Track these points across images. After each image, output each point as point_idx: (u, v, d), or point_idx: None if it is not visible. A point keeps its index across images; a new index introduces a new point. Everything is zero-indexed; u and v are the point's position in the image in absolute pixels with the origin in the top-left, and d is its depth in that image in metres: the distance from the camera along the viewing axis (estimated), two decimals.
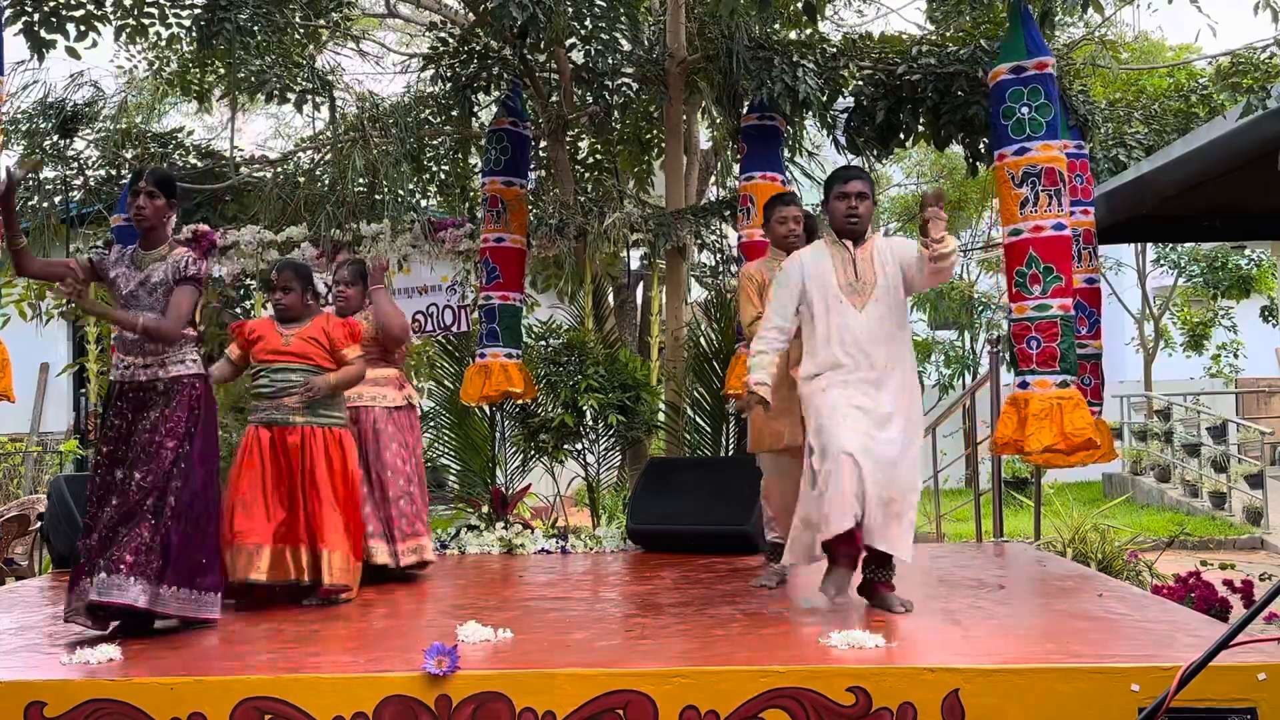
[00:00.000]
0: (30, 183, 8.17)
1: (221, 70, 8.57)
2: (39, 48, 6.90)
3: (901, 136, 7.44)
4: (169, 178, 4.49)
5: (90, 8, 7.08)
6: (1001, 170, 5.78)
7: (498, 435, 8.16)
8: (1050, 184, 5.60)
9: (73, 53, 7.15)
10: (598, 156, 9.64)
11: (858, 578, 4.32)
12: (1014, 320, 5.79)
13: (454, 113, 8.33)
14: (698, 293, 9.40)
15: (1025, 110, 5.66)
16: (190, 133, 9.13)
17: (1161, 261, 17.66)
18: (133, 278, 4.30)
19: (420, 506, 5.57)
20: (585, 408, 7.11)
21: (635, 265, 10.52)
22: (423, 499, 5.62)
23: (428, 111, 8.42)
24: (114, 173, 8.43)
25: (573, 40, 7.57)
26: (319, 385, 4.82)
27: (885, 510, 4.11)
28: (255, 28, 6.83)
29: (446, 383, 8.57)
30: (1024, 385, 5.64)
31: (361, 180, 7.87)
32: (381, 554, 5.33)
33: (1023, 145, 5.68)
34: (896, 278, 4.30)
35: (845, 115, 7.48)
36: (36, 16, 6.82)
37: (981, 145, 7.29)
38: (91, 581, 4.00)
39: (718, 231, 8.30)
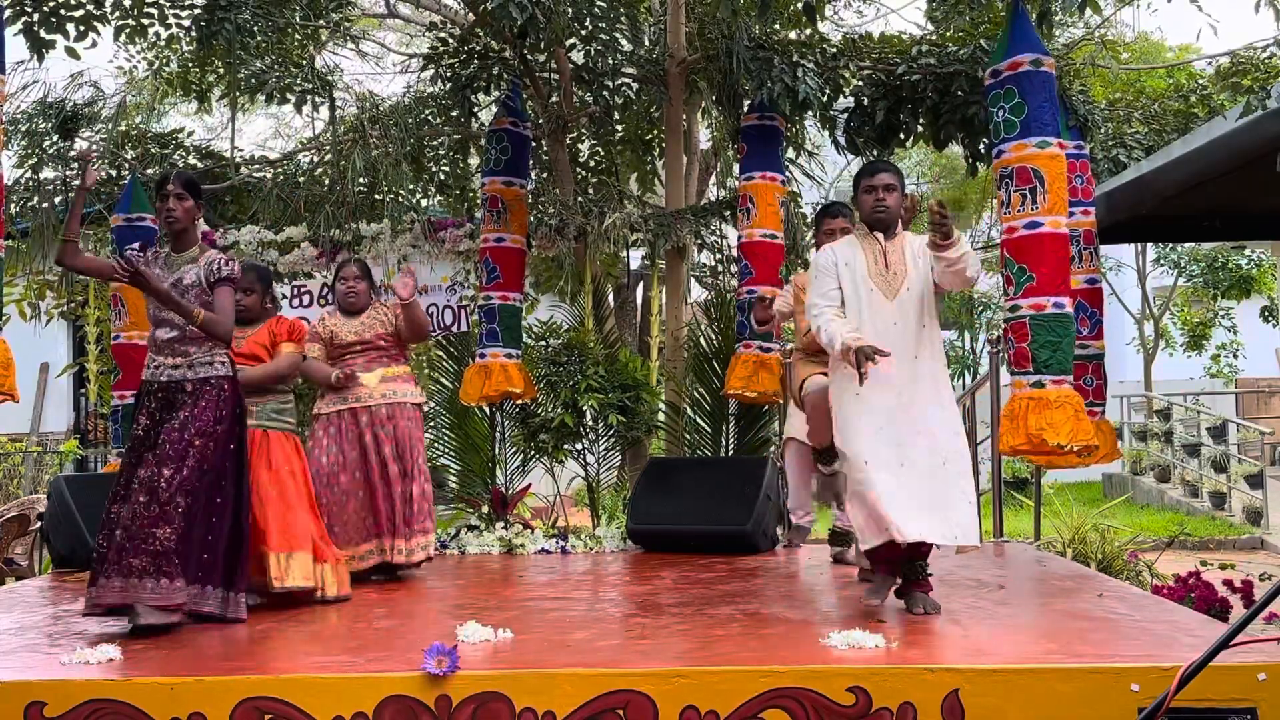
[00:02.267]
0: (30, 183, 8.18)
1: (221, 70, 8.57)
2: (39, 48, 6.90)
3: (901, 136, 7.44)
4: (195, 180, 4.53)
5: (90, 8, 7.08)
6: (993, 175, 5.83)
7: (498, 435, 8.16)
8: (1023, 183, 5.60)
9: (72, 53, 7.16)
10: (598, 157, 9.64)
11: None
12: (1003, 321, 5.84)
13: (454, 113, 8.33)
14: (698, 293, 9.40)
15: (1001, 113, 5.70)
16: (190, 133, 9.13)
17: (1161, 261, 17.66)
18: (165, 279, 4.32)
19: (432, 503, 5.64)
20: (585, 408, 7.11)
21: (635, 265, 10.52)
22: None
23: (428, 111, 8.42)
24: (114, 173, 8.43)
25: (573, 40, 7.57)
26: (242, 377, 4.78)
27: (931, 511, 4.10)
28: (255, 28, 6.83)
29: (446, 383, 8.57)
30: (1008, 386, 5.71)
31: (361, 180, 7.87)
32: (397, 551, 5.36)
33: (1000, 148, 5.71)
34: (928, 273, 4.30)
35: (845, 115, 7.48)
36: (36, 16, 6.82)
37: (981, 145, 7.29)
38: (127, 581, 4.01)
39: (718, 231, 8.30)
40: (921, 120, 7.33)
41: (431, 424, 8.66)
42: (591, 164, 9.62)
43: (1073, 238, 6.38)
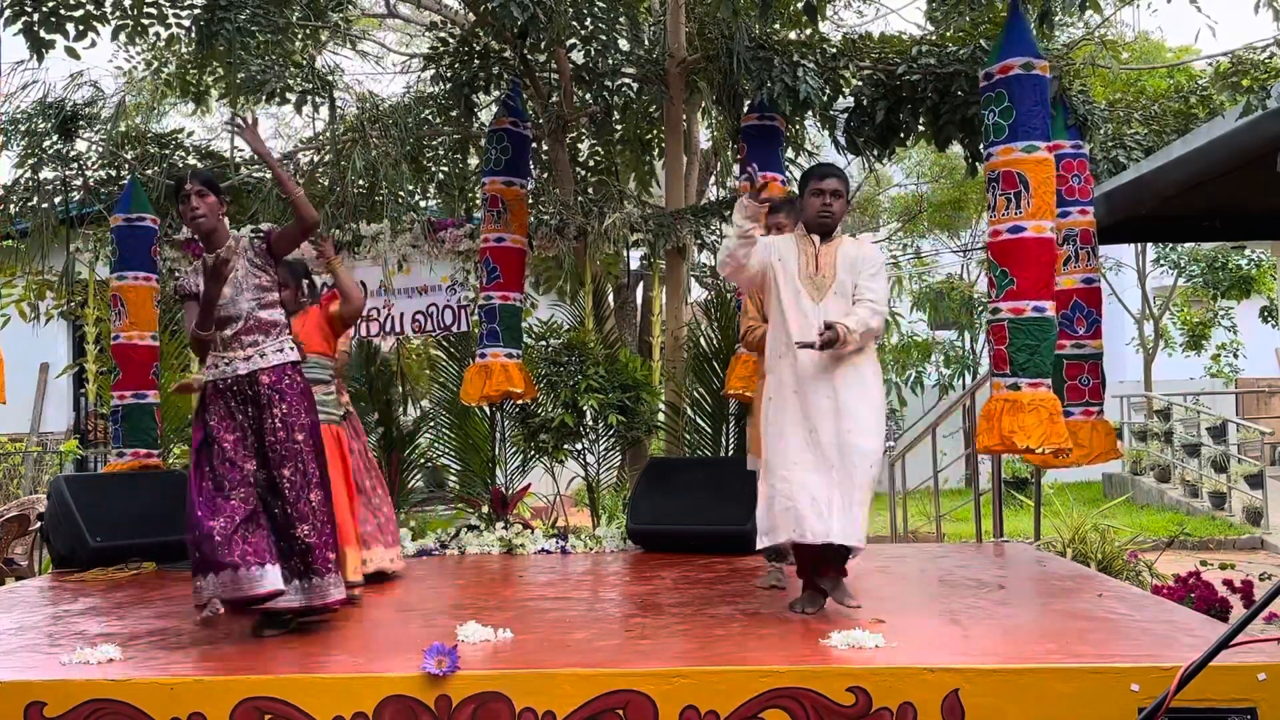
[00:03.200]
0: (30, 183, 8.17)
1: (220, 71, 8.56)
2: (39, 48, 6.90)
3: (901, 136, 7.44)
4: (212, 176, 4.46)
5: (90, 8, 7.08)
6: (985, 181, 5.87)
7: (498, 435, 8.17)
8: (1008, 187, 5.62)
9: (72, 53, 7.15)
10: (598, 157, 9.65)
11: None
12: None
13: (454, 113, 8.33)
14: (698, 293, 9.41)
15: (991, 116, 5.71)
16: (190, 133, 9.13)
17: (1161, 261, 17.66)
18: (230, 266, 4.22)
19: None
20: (585, 408, 7.11)
21: (635, 265, 10.52)
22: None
23: (428, 111, 8.42)
24: (114, 173, 8.43)
25: (573, 40, 7.57)
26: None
27: (831, 507, 4.12)
28: (255, 28, 6.83)
29: (447, 383, 8.58)
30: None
31: (361, 180, 7.87)
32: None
33: (989, 151, 5.73)
34: (854, 278, 4.33)
35: (845, 115, 7.48)
36: (36, 16, 6.81)
37: (981, 146, 7.29)
38: (282, 582, 4.01)
39: (718, 231, 8.29)
40: (921, 120, 7.33)
41: (431, 424, 8.67)
42: (591, 164, 9.62)
43: (1070, 237, 6.39)
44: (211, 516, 3.96)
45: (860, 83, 7.30)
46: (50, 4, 6.86)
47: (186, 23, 7.45)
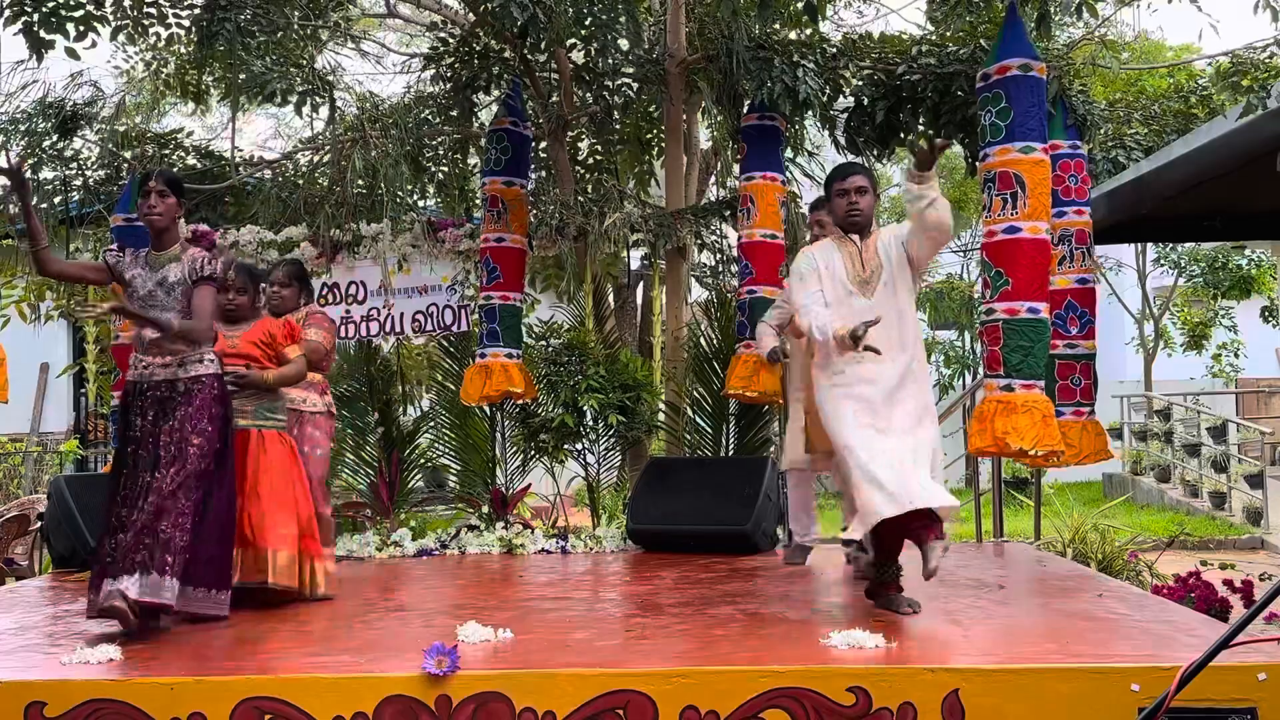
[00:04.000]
0: (29, 183, 8.16)
1: (219, 71, 8.57)
2: (38, 48, 6.89)
3: (901, 136, 7.44)
4: (177, 178, 4.55)
5: (90, 8, 7.07)
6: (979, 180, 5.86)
7: (498, 435, 8.17)
8: (1004, 188, 5.62)
9: (72, 53, 7.15)
10: (598, 157, 9.65)
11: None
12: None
13: (454, 113, 8.33)
14: (698, 293, 9.40)
15: (988, 117, 5.71)
16: (190, 133, 9.13)
17: (1161, 261, 17.65)
18: (149, 279, 4.34)
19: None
20: (585, 408, 7.11)
21: (635, 265, 10.52)
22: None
23: (428, 111, 8.42)
24: (113, 173, 8.43)
25: (573, 40, 7.57)
26: (255, 379, 4.78)
27: (910, 476, 4.11)
28: (255, 28, 6.83)
29: (447, 383, 8.57)
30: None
31: (361, 180, 7.87)
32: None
33: (985, 152, 5.73)
34: (901, 260, 4.36)
35: (845, 115, 7.48)
36: (36, 17, 6.81)
37: (978, 146, 7.29)
38: (129, 580, 4.00)
39: (718, 231, 8.30)
40: (921, 120, 7.32)
41: (431, 424, 8.67)
42: (591, 163, 9.63)
43: (1066, 237, 6.39)
44: (118, 530, 4.09)
45: (860, 83, 7.30)
46: (50, 4, 6.86)
47: (186, 23, 7.45)
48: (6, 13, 6.77)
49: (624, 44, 7.30)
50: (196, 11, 7.12)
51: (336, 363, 7.20)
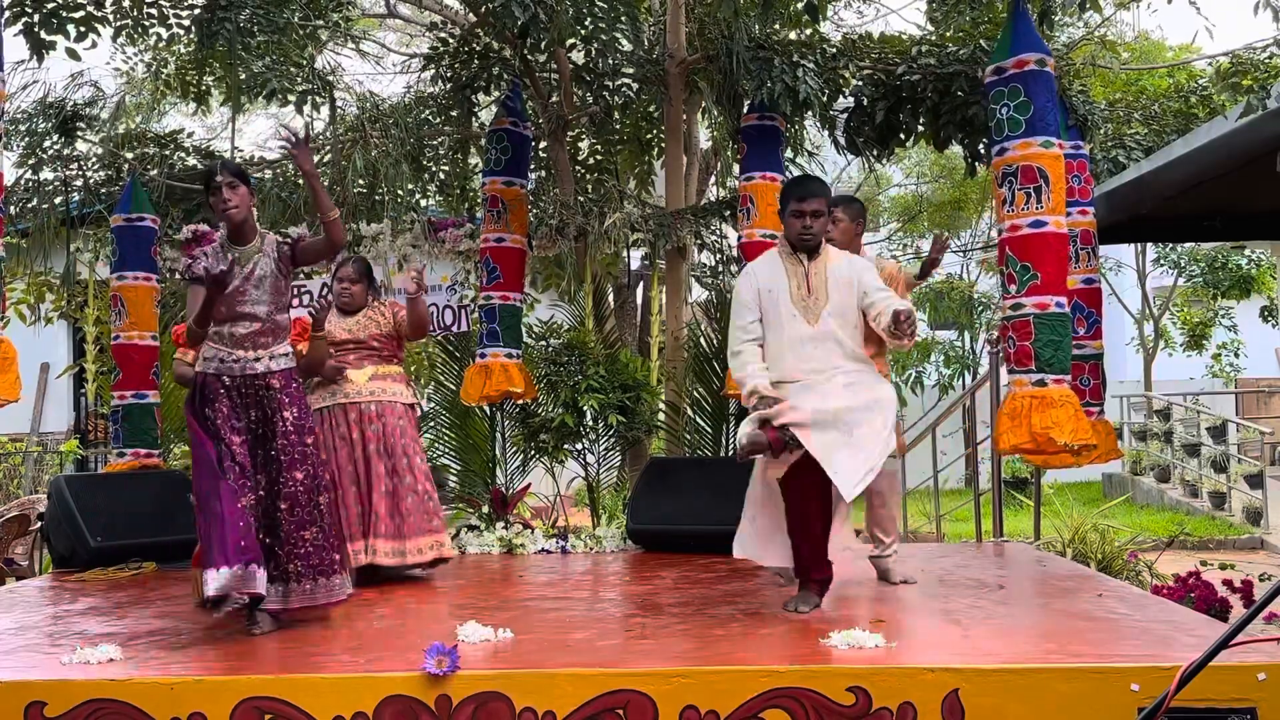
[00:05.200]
0: (30, 183, 8.17)
1: (220, 71, 8.57)
2: (39, 48, 6.89)
3: (901, 136, 7.44)
4: (241, 167, 4.48)
5: (90, 9, 7.08)
6: (992, 174, 5.82)
7: (498, 435, 8.17)
8: (1028, 182, 5.59)
9: (73, 53, 7.15)
10: (598, 157, 9.65)
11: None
12: (1001, 320, 5.82)
13: (454, 113, 8.33)
14: (698, 293, 9.40)
15: (1005, 110, 5.67)
16: (190, 134, 9.13)
17: (1161, 261, 17.66)
18: (237, 276, 4.22)
19: (437, 502, 5.66)
20: (585, 408, 7.11)
21: (635, 265, 10.52)
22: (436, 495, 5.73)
23: (428, 111, 8.42)
24: (114, 173, 8.43)
25: (573, 40, 7.57)
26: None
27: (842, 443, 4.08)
28: (255, 28, 6.82)
29: (447, 383, 8.58)
30: (1008, 385, 5.69)
31: (361, 180, 7.87)
32: (382, 553, 5.35)
33: (1002, 145, 5.69)
34: (852, 298, 4.28)
35: (845, 115, 7.48)
36: (36, 17, 6.81)
37: (981, 145, 7.29)
38: (288, 586, 4.14)
39: (718, 231, 8.30)
40: (921, 120, 7.32)
41: (431, 424, 8.67)
42: (591, 163, 9.63)
43: (1071, 238, 6.38)
44: (233, 514, 3.99)
45: (860, 83, 7.30)
46: (50, 4, 6.86)
47: (186, 23, 7.45)
48: (7, 13, 6.77)
49: (624, 44, 7.30)
50: (196, 11, 7.12)
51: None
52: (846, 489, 4.01)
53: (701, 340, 8.05)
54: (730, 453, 7.72)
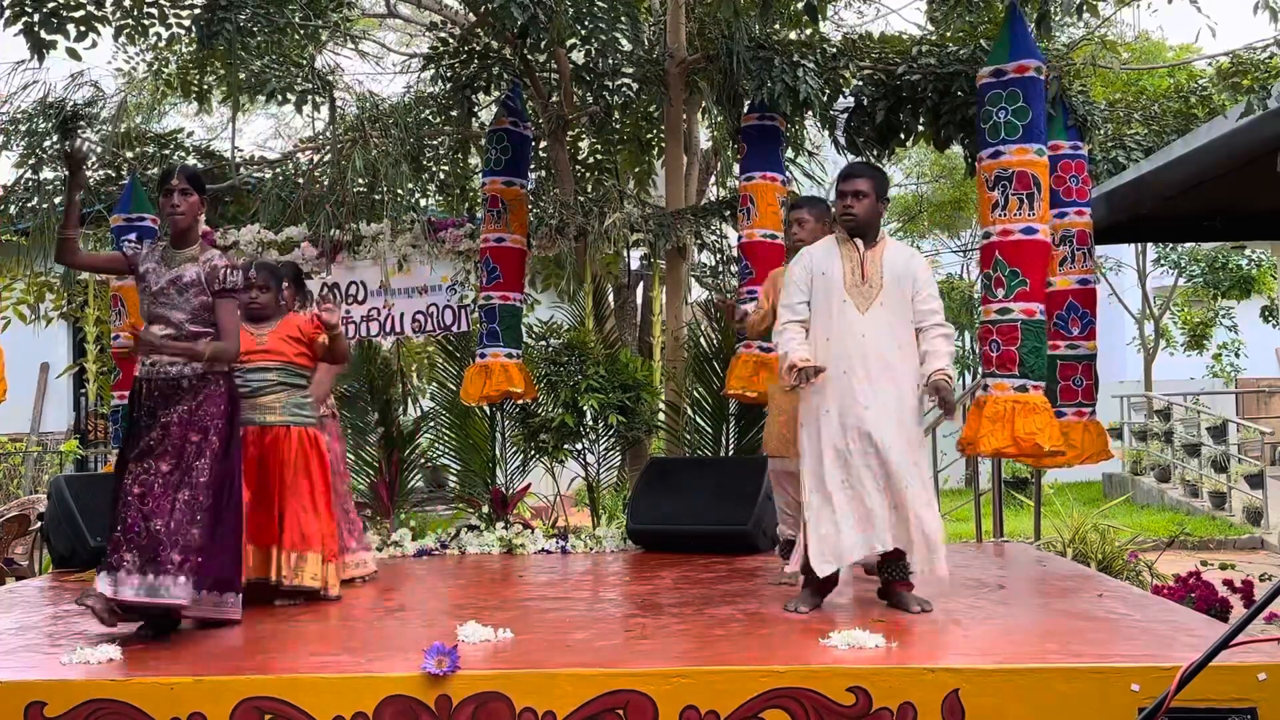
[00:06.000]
0: (30, 183, 8.17)
1: (221, 71, 8.57)
2: (39, 48, 6.89)
3: (901, 137, 7.43)
4: (199, 174, 4.44)
5: (90, 8, 7.08)
6: (980, 174, 5.82)
7: (498, 435, 8.17)
8: (1022, 188, 5.60)
9: (73, 53, 7.15)
10: (598, 156, 9.65)
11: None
12: (980, 322, 5.83)
13: (454, 113, 8.33)
14: (698, 293, 9.40)
15: (1002, 114, 5.67)
16: (190, 133, 9.14)
17: (1162, 261, 17.66)
18: (163, 275, 4.24)
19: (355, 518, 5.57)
20: (585, 408, 7.11)
21: (635, 265, 10.52)
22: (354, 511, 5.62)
23: (428, 111, 8.42)
24: (114, 173, 8.43)
25: (573, 40, 7.57)
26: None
27: (895, 514, 4.14)
28: (255, 28, 6.82)
29: (447, 383, 8.58)
30: (985, 387, 5.69)
31: (361, 180, 7.87)
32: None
33: (997, 149, 5.68)
34: (905, 291, 4.27)
35: (845, 115, 7.48)
36: (37, 17, 6.81)
37: (982, 141, 7.29)
38: (127, 579, 3.96)
39: (718, 231, 8.30)
40: (921, 120, 7.32)
41: (431, 424, 8.67)
42: (591, 163, 9.63)
43: (1067, 238, 6.40)
44: (123, 527, 4.03)
45: (860, 83, 7.30)
46: (51, 4, 6.86)
47: (186, 23, 7.45)
48: (7, 13, 6.77)
49: (624, 44, 7.30)
50: (196, 11, 7.12)
51: None
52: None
53: (701, 340, 8.04)
54: (730, 452, 7.72)
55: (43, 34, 6.85)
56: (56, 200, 8.14)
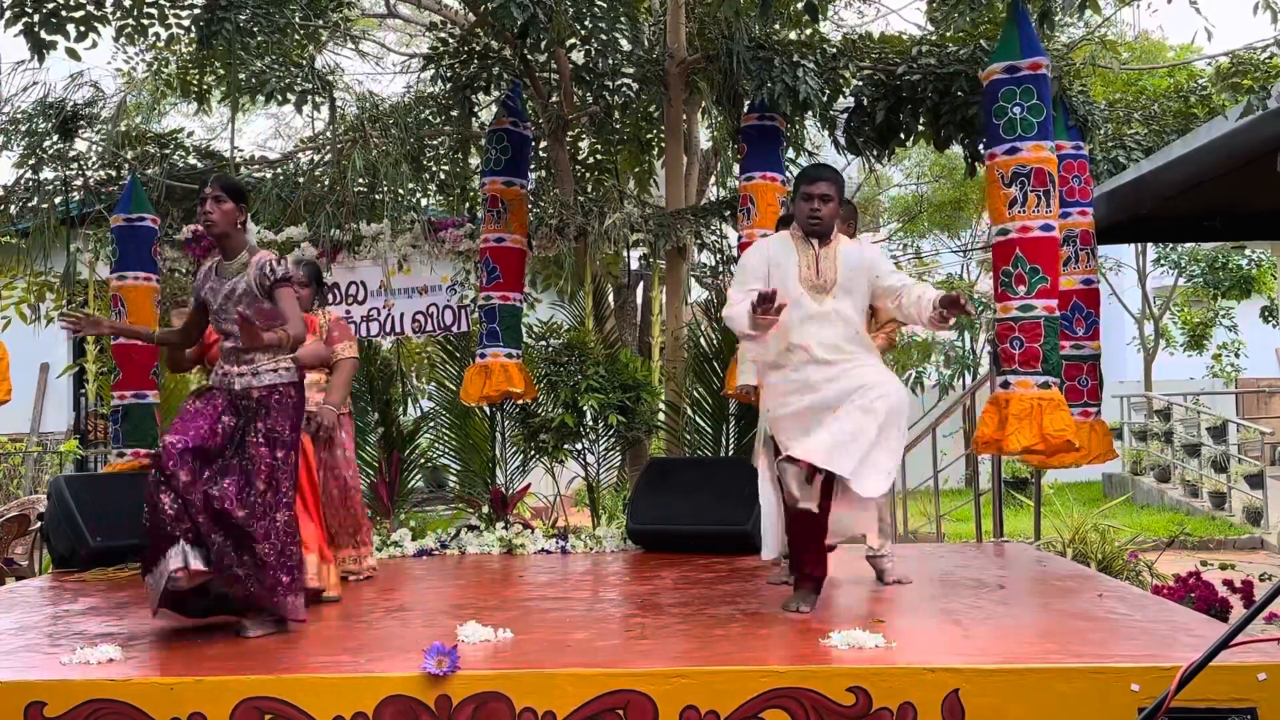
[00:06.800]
0: (30, 183, 8.18)
1: (221, 71, 8.58)
2: (39, 48, 6.90)
3: (901, 137, 7.44)
4: (236, 182, 4.39)
5: (90, 8, 7.08)
6: (992, 170, 5.79)
7: (498, 435, 8.17)
8: (1039, 185, 5.60)
9: (73, 53, 7.16)
10: (598, 156, 9.65)
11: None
12: (999, 320, 5.80)
13: (454, 113, 8.33)
14: (698, 293, 9.41)
15: (1017, 110, 5.65)
16: (190, 133, 9.14)
17: (1162, 261, 17.65)
18: (219, 291, 4.20)
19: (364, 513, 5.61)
20: (585, 408, 7.11)
21: (635, 265, 10.53)
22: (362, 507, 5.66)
23: (428, 111, 8.42)
24: (114, 173, 8.43)
25: (573, 40, 7.57)
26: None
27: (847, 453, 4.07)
28: (255, 28, 6.83)
29: (447, 383, 8.58)
30: (1005, 385, 5.67)
31: (361, 180, 7.87)
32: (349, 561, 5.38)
33: (1013, 145, 5.67)
34: (860, 283, 4.29)
35: (845, 115, 7.48)
36: (36, 17, 6.82)
37: (981, 145, 7.29)
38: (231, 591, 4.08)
39: (718, 231, 8.30)
40: (921, 120, 7.33)
41: (431, 424, 8.68)
42: (591, 163, 9.63)
43: (1070, 238, 6.40)
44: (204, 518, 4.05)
45: (860, 83, 7.30)
46: (51, 4, 6.86)
47: (186, 23, 7.45)
48: (7, 13, 6.77)
49: (624, 44, 7.31)
50: (196, 11, 7.12)
51: None
52: (821, 462, 4.02)
53: (701, 340, 8.04)
54: (730, 452, 7.72)
55: (43, 34, 6.86)
56: (57, 200, 8.14)
